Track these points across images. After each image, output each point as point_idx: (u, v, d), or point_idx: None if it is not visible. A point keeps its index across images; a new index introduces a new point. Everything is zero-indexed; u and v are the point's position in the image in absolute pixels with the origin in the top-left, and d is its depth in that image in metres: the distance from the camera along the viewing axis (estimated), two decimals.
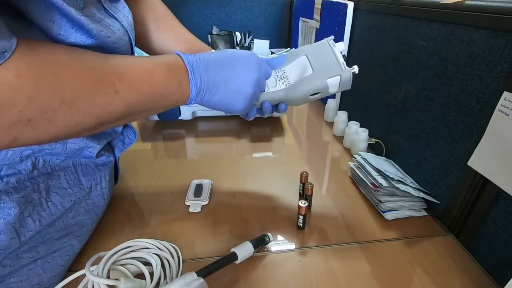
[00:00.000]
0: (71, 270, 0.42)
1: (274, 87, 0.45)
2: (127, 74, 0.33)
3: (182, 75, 0.38)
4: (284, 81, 0.45)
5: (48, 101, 0.27)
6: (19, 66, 0.25)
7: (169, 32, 0.56)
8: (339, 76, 0.43)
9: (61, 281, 0.40)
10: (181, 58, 0.38)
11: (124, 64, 0.34)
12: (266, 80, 0.45)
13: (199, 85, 0.38)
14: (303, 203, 0.48)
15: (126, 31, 0.41)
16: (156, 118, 0.88)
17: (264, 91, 0.45)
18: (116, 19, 0.40)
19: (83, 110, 0.30)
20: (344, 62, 0.44)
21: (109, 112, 0.32)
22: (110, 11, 0.39)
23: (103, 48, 0.35)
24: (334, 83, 0.44)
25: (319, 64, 0.44)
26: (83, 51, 0.32)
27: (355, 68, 0.44)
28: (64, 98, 0.28)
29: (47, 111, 0.27)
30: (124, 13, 0.42)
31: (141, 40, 0.55)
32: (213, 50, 0.56)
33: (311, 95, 0.45)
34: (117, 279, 0.37)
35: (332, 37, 0.47)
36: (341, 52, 0.45)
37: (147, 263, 0.41)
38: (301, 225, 0.50)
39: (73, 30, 0.32)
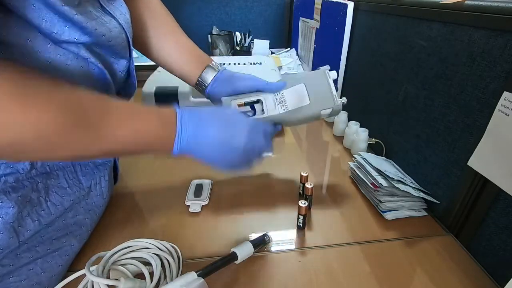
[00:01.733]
0: (71, 270, 0.42)
1: (273, 110, 0.49)
2: (115, 123, 0.32)
3: (171, 132, 0.37)
4: (283, 106, 0.49)
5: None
6: None
7: (169, 36, 0.56)
8: (332, 108, 0.50)
9: (60, 281, 0.40)
10: (176, 116, 0.37)
11: (117, 113, 0.33)
12: (266, 103, 0.49)
13: (183, 146, 0.38)
14: (303, 203, 0.48)
15: (123, 29, 0.41)
16: None
17: (261, 155, 0.45)
18: (113, 17, 0.39)
19: (46, 150, 0.29)
20: (336, 94, 0.50)
21: (82, 155, 0.32)
22: (107, 8, 0.39)
23: (98, 45, 0.35)
24: (326, 113, 0.50)
25: (316, 96, 0.50)
26: (81, 90, 0.31)
27: (344, 100, 0.51)
28: (24, 137, 0.26)
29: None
30: (121, 10, 0.42)
31: (138, 39, 0.54)
32: (212, 59, 0.56)
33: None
34: (117, 279, 0.37)
35: (328, 66, 0.52)
36: (334, 80, 0.51)
37: (147, 263, 0.41)
38: (301, 225, 0.50)
39: (66, 28, 0.31)
